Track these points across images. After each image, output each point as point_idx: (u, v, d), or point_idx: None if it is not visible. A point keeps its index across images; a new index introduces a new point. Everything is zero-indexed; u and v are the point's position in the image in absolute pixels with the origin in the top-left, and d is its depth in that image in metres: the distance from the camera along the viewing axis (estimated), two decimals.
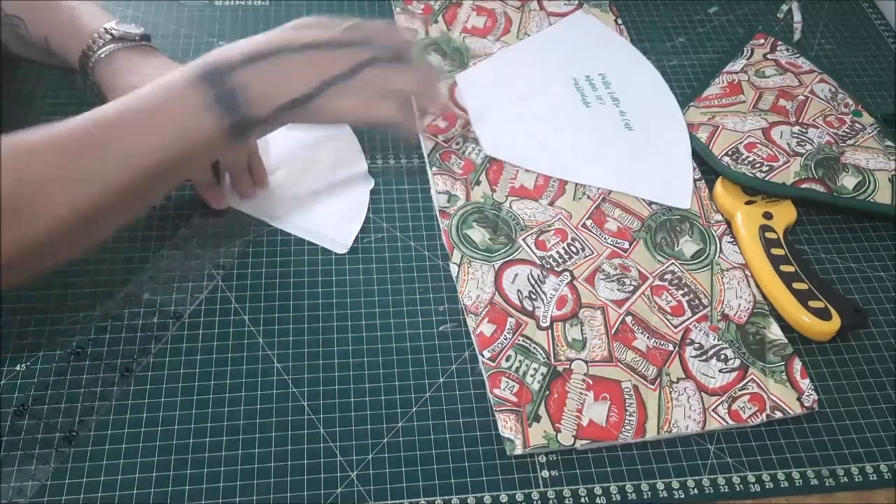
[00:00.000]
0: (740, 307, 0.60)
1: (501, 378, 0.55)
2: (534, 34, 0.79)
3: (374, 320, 0.58)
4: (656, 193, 0.66)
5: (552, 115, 0.72)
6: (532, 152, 0.68)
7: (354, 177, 0.66)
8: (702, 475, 0.52)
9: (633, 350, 0.57)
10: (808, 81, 0.75)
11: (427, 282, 0.60)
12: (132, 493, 0.49)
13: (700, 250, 0.63)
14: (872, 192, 0.66)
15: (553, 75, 0.75)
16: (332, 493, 0.50)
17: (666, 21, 0.84)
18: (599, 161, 0.68)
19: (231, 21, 0.77)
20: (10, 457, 0.49)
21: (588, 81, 0.74)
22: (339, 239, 0.62)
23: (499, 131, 0.70)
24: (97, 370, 0.53)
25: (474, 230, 0.63)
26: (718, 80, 0.75)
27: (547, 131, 0.71)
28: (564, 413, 0.53)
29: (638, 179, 0.67)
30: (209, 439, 0.51)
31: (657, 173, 0.68)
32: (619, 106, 0.73)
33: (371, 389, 0.54)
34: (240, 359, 0.55)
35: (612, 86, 0.74)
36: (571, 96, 0.73)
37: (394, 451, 0.52)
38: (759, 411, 0.54)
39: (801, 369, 0.57)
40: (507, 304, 0.59)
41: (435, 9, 0.80)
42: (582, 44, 0.79)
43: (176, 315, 0.56)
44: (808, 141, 0.69)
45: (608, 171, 0.68)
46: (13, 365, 0.53)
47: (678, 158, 0.69)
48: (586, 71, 0.76)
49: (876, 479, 0.53)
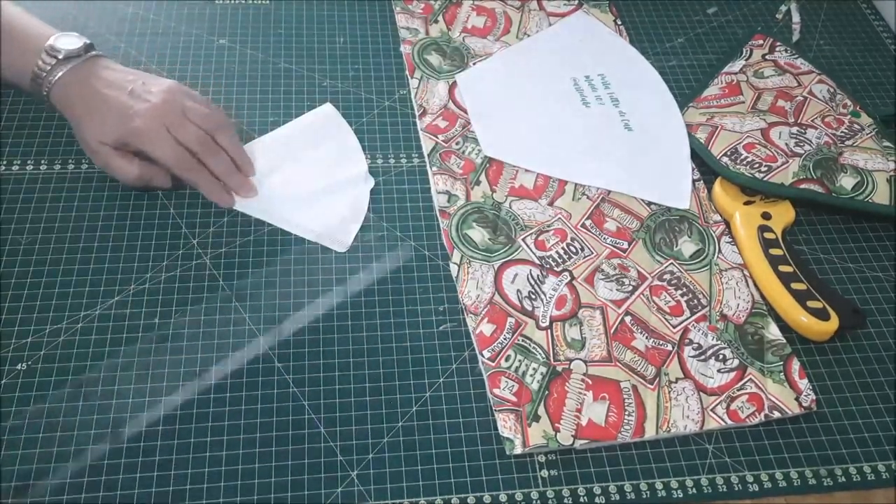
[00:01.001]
0: (739, 307, 0.60)
1: (501, 378, 0.55)
2: (533, 34, 0.79)
3: (373, 320, 0.58)
4: (655, 194, 0.66)
5: (552, 115, 0.72)
6: (531, 152, 0.69)
7: (354, 177, 0.66)
8: (700, 475, 0.52)
9: (631, 350, 0.57)
10: (806, 82, 0.75)
11: (427, 282, 0.60)
12: (133, 493, 0.49)
13: (699, 250, 0.63)
14: (871, 193, 0.66)
15: (553, 75, 0.75)
16: (332, 492, 0.50)
17: (665, 21, 0.84)
18: (598, 161, 0.69)
19: (231, 19, 0.78)
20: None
21: (588, 82, 0.75)
22: (340, 238, 0.62)
23: (497, 131, 0.70)
24: (98, 370, 0.54)
25: (474, 230, 0.63)
26: (717, 81, 0.75)
27: (546, 131, 0.71)
28: (563, 413, 0.53)
29: (637, 180, 0.67)
30: (210, 439, 0.51)
31: (656, 174, 0.68)
32: (619, 106, 0.73)
33: (371, 389, 0.54)
34: (240, 358, 0.55)
35: (611, 86, 0.75)
36: (571, 96, 0.73)
37: (394, 451, 0.52)
38: (757, 411, 0.55)
39: (799, 369, 0.57)
40: (507, 303, 0.59)
41: (435, 8, 0.80)
42: (581, 44, 0.79)
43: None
44: (807, 141, 0.69)
45: (607, 171, 0.68)
46: (14, 364, 0.53)
47: (677, 159, 0.69)
48: (586, 71, 0.76)
49: (874, 479, 0.53)
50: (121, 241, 0.60)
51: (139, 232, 0.61)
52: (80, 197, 0.62)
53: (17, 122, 0.67)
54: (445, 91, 0.73)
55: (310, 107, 0.71)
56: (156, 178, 0.62)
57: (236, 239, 0.61)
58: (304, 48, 0.76)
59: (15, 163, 0.64)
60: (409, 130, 0.70)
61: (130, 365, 0.54)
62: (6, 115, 0.67)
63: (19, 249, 0.59)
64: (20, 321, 0.55)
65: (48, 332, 0.55)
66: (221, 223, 0.62)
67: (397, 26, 0.79)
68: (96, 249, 0.59)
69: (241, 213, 0.63)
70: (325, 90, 0.72)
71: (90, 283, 0.58)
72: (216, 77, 0.72)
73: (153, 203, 0.63)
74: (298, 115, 0.70)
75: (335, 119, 0.70)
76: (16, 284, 0.57)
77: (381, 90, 0.73)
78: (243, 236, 0.61)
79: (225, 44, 0.75)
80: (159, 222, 0.62)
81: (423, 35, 0.78)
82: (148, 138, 0.60)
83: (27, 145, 0.65)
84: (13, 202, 0.62)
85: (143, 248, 0.60)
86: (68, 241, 0.60)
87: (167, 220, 0.62)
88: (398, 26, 0.78)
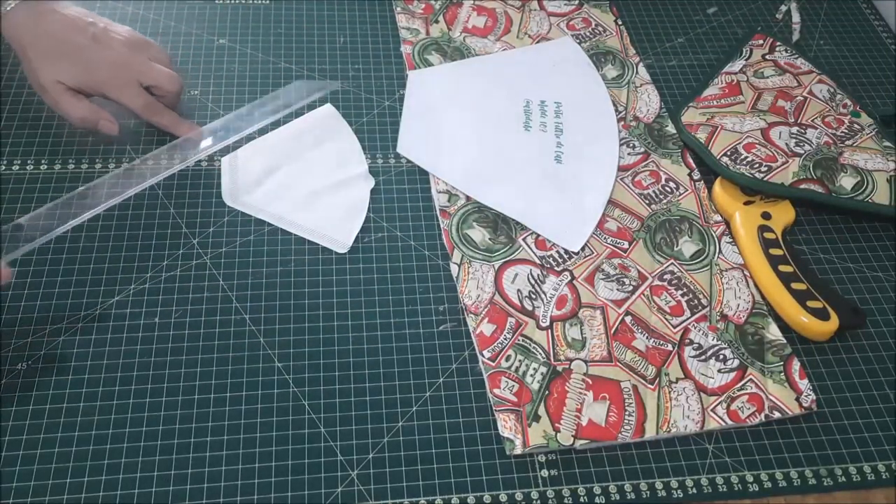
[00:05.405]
0: (739, 307, 0.60)
1: (501, 378, 0.55)
2: (518, 49, 0.78)
3: (374, 320, 0.58)
4: (549, 231, 0.63)
5: (482, 132, 0.70)
6: (441, 160, 0.67)
7: (354, 177, 0.66)
8: (700, 475, 0.52)
9: (632, 350, 0.57)
10: (806, 82, 0.75)
11: (427, 282, 0.60)
12: (133, 493, 0.49)
13: (699, 250, 0.63)
14: (871, 193, 0.66)
15: (508, 93, 0.73)
16: (332, 492, 0.50)
17: (665, 21, 0.84)
18: (508, 185, 0.66)
19: (231, 19, 0.78)
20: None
21: (541, 106, 0.72)
22: (340, 238, 0.62)
23: (419, 133, 0.69)
24: (99, 370, 0.54)
25: (474, 230, 0.63)
26: (717, 81, 0.75)
27: (467, 145, 0.69)
28: (564, 413, 0.54)
29: (538, 213, 0.64)
30: (210, 438, 0.51)
31: (560, 212, 0.65)
32: (560, 137, 0.70)
33: (371, 389, 0.54)
34: (240, 358, 0.55)
35: (563, 115, 0.72)
36: (516, 118, 0.71)
37: (394, 451, 0.52)
38: (757, 411, 0.55)
39: (799, 369, 0.57)
40: (507, 303, 0.59)
41: (435, 8, 0.80)
42: (554, 69, 0.76)
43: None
44: (807, 141, 0.69)
45: (514, 197, 0.65)
46: (14, 364, 0.53)
47: (590, 204, 0.65)
48: (544, 95, 0.73)
49: (874, 478, 0.53)
50: (121, 241, 0.60)
51: (139, 232, 0.61)
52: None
53: (17, 122, 0.67)
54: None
55: (310, 107, 0.71)
56: (102, 123, 0.64)
57: (236, 239, 0.61)
58: (304, 48, 0.76)
59: (15, 163, 0.64)
60: None
61: (130, 365, 0.54)
62: (6, 115, 0.67)
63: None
64: (20, 321, 0.55)
65: (48, 332, 0.55)
66: (221, 223, 0.62)
67: (398, 26, 0.79)
68: (96, 249, 0.59)
69: (241, 212, 0.63)
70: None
71: (90, 283, 0.58)
72: (216, 77, 0.72)
73: (153, 203, 0.63)
74: (299, 116, 0.70)
75: (335, 119, 0.70)
76: (16, 284, 0.57)
77: (381, 90, 0.73)
78: (243, 236, 0.62)
79: (225, 44, 0.75)
80: (159, 222, 0.62)
81: (423, 35, 0.78)
82: (116, 87, 0.63)
83: (27, 145, 0.65)
84: (13, 202, 0.62)
85: (143, 248, 0.60)
86: (68, 241, 0.60)
87: (167, 220, 0.62)
88: (398, 26, 0.78)
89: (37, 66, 0.62)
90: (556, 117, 0.72)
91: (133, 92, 0.64)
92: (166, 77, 0.65)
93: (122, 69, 0.63)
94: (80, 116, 0.63)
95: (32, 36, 0.62)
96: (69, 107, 0.63)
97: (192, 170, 0.65)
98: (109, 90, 0.63)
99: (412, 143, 0.68)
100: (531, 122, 0.71)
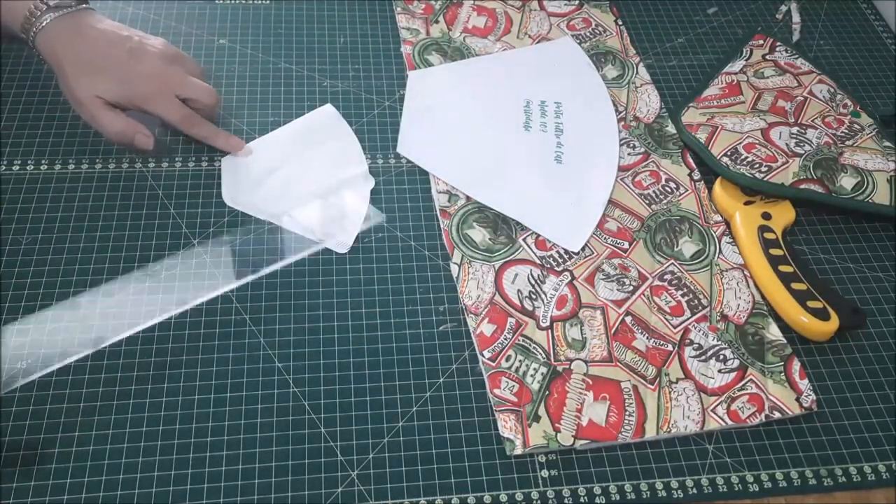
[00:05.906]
0: (739, 307, 0.60)
1: (501, 378, 0.55)
2: (518, 49, 0.78)
3: (374, 320, 0.58)
4: (549, 231, 0.63)
5: (483, 131, 0.70)
6: (442, 160, 0.67)
7: (354, 177, 0.66)
8: (701, 475, 0.52)
9: (632, 350, 0.57)
10: (806, 82, 0.75)
11: (427, 282, 0.60)
12: (133, 493, 0.49)
13: (699, 251, 0.63)
14: (871, 193, 0.66)
15: (508, 93, 0.73)
16: (332, 492, 0.50)
17: (665, 21, 0.84)
18: (509, 185, 0.66)
19: (231, 19, 0.78)
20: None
21: (541, 106, 0.72)
22: (340, 238, 0.62)
23: (420, 133, 0.69)
24: (99, 370, 0.54)
25: (475, 230, 0.63)
26: (717, 81, 0.75)
27: (467, 144, 0.69)
28: (564, 413, 0.54)
29: (538, 213, 0.64)
30: (210, 439, 0.51)
31: (560, 212, 0.65)
32: (560, 137, 0.70)
33: (371, 389, 0.54)
34: (240, 358, 0.55)
35: (562, 116, 0.72)
36: (516, 117, 0.71)
37: (394, 451, 0.52)
38: (757, 411, 0.55)
39: (799, 370, 0.57)
40: (507, 303, 0.59)
41: (436, 8, 0.80)
42: (553, 69, 0.76)
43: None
44: (807, 141, 0.69)
45: (514, 197, 0.65)
46: (14, 364, 0.53)
47: (590, 204, 0.65)
48: (544, 96, 0.73)
49: (874, 479, 0.53)
50: (121, 241, 0.60)
51: (139, 232, 0.61)
52: (80, 197, 0.62)
53: (17, 122, 0.67)
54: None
55: (310, 107, 0.71)
56: (138, 137, 0.64)
57: (236, 239, 0.61)
58: (304, 48, 0.76)
59: (15, 163, 0.64)
60: None
61: (131, 365, 0.54)
62: (6, 115, 0.67)
63: (19, 249, 0.59)
64: (20, 321, 0.55)
65: (48, 332, 0.55)
66: (221, 223, 0.62)
67: (398, 26, 0.79)
68: (97, 249, 0.59)
69: (241, 212, 0.63)
70: (325, 90, 0.72)
71: (90, 283, 0.58)
72: (216, 77, 0.72)
73: (153, 203, 0.63)
74: (298, 115, 0.70)
75: (335, 119, 0.70)
76: (16, 284, 0.57)
77: (381, 90, 0.73)
78: (243, 236, 0.62)
79: (225, 44, 0.75)
80: (159, 222, 0.62)
81: (423, 35, 0.78)
82: (154, 101, 0.63)
83: (27, 145, 0.65)
84: (13, 202, 0.62)
85: (144, 248, 0.60)
86: (68, 241, 0.60)
87: (167, 220, 0.62)
88: (399, 26, 0.78)
89: (74, 81, 0.62)
90: (556, 117, 0.72)
91: (171, 105, 0.64)
92: (203, 90, 0.65)
93: (160, 82, 0.63)
94: (118, 131, 0.63)
95: (69, 51, 0.62)
96: (107, 121, 0.62)
97: (193, 170, 0.65)
98: (147, 104, 0.63)
99: (412, 143, 0.68)
100: (531, 123, 0.71)
